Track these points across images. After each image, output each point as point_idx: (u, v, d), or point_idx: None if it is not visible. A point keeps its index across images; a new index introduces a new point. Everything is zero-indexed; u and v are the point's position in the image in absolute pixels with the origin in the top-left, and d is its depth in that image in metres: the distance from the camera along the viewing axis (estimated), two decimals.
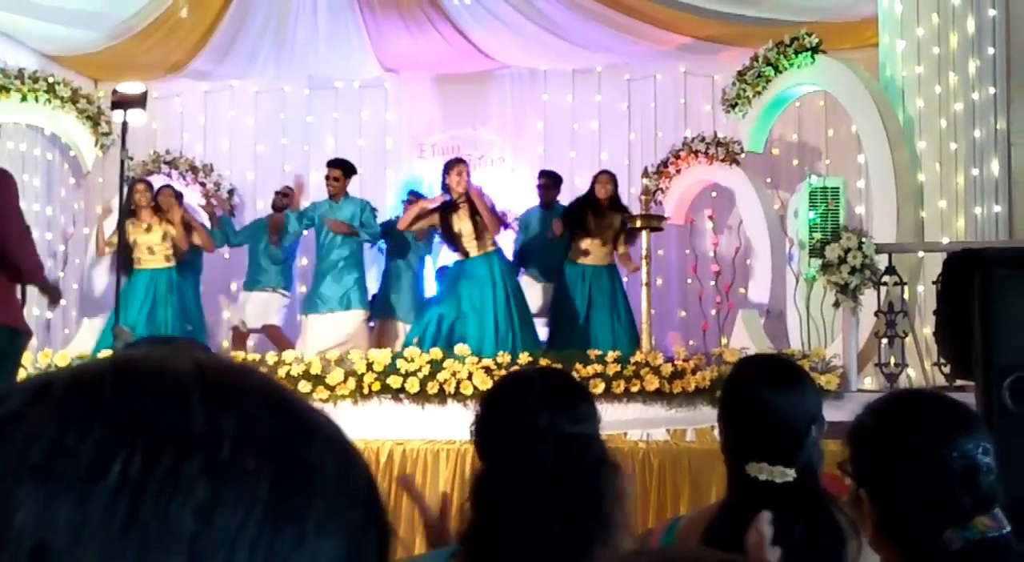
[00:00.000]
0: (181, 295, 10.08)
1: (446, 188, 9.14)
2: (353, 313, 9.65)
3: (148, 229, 9.92)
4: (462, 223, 9.08)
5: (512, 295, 9.06)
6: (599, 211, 9.57)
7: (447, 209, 9.12)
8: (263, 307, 10.45)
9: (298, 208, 10.75)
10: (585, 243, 9.56)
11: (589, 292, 9.52)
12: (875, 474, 1.86)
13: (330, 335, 9.40)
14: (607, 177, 9.76)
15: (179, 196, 10.49)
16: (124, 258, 9.07)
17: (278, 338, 10.32)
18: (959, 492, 1.79)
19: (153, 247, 9.93)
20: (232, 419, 0.61)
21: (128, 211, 9.70)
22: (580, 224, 9.57)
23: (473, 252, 9.10)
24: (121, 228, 8.79)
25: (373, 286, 10.31)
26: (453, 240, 9.16)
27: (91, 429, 0.59)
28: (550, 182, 10.36)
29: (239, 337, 10.57)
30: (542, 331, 9.60)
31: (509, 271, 9.29)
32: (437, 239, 9.93)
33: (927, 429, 1.85)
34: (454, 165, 9.24)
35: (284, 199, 10.81)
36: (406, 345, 8.71)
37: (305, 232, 10.38)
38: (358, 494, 0.64)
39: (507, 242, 9.95)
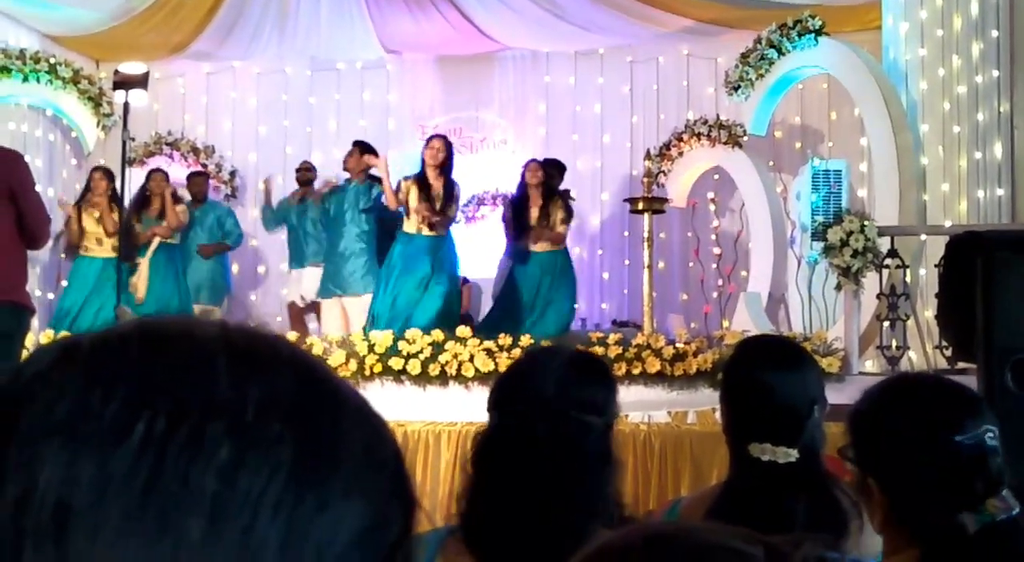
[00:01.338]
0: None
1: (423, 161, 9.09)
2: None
3: (99, 220, 9.65)
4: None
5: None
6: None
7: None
8: (316, 280, 10.24)
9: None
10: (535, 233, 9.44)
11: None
12: (883, 461, 1.86)
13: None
14: (535, 165, 9.61)
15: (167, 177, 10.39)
16: (124, 244, 9.02)
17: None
18: (970, 476, 1.79)
19: (101, 238, 9.69)
20: (258, 384, 0.61)
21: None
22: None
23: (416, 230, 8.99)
24: (129, 213, 8.80)
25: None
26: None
27: (116, 390, 0.59)
28: (555, 172, 10.22)
29: (296, 314, 10.46)
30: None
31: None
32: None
33: (935, 414, 1.85)
34: (431, 140, 9.22)
35: (308, 174, 10.69)
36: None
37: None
38: (384, 464, 0.64)
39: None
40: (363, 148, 9.84)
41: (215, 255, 10.46)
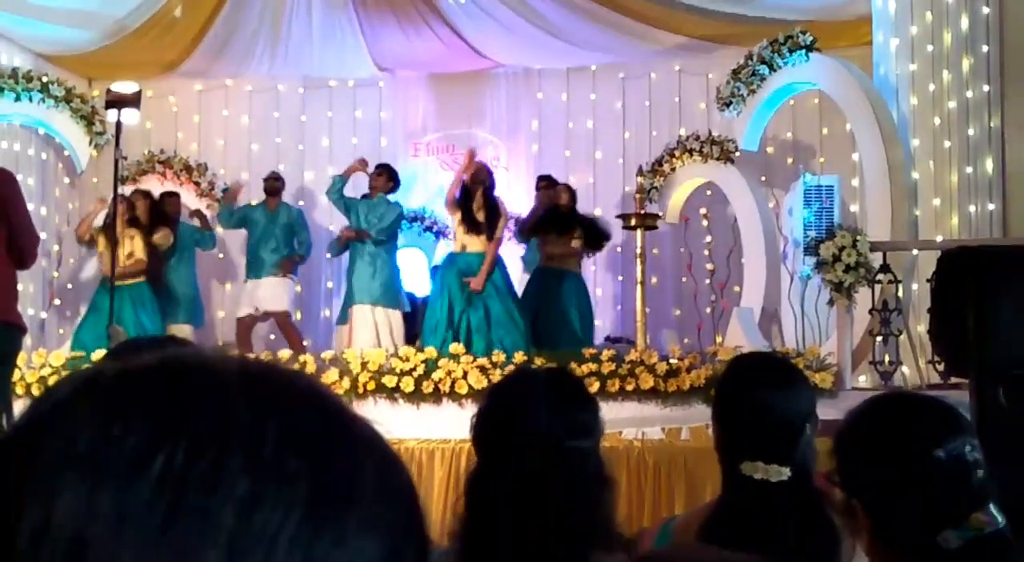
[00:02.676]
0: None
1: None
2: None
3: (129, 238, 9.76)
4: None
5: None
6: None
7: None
8: (272, 291, 10.37)
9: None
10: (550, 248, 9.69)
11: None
12: (865, 483, 1.86)
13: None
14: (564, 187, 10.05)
15: (148, 195, 10.38)
16: (114, 264, 9.01)
17: (287, 326, 10.30)
18: (952, 491, 1.79)
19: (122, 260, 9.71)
20: (275, 419, 0.61)
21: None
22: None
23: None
24: (113, 230, 8.78)
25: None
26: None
27: (135, 422, 0.59)
28: (550, 184, 10.36)
29: (244, 327, 10.48)
30: None
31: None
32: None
33: (913, 432, 1.84)
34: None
35: (276, 183, 10.78)
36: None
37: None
38: (398, 498, 0.64)
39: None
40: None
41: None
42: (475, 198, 9.21)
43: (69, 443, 0.59)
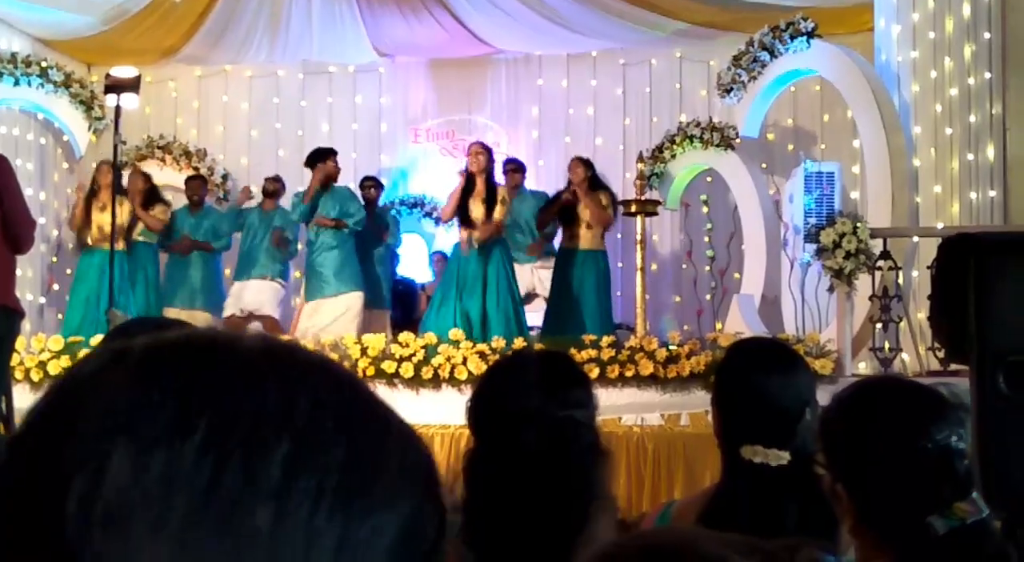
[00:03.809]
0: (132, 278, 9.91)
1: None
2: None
3: (103, 208, 9.59)
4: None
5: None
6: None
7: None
8: (258, 294, 10.30)
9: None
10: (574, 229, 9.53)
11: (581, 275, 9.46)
12: (850, 467, 1.85)
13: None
14: (577, 161, 9.69)
15: (147, 178, 10.29)
16: (114, 243, 8.99)
17: (275, 331, 10.17)
18: (937, 479, 1.78)
19: (105, 227, 9.58)
20: (305, 389, 0.63)
21: (90, 191, 9.71)
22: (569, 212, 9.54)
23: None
24: (113, 208, 8.77)
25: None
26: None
27: (173, 390, 0.61)
28: (514, 167, 10.23)
29: (232, 328, 10.39)
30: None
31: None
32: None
33: (900, 418, 1.83)
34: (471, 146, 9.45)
35: (275, 184, 10.70)
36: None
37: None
38: (419, 470, 0.66)
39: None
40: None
41: (191, 252, 10.36)
42: (476, 188, 9.11)
43: (110, 410, 0.60)
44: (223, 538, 0.58)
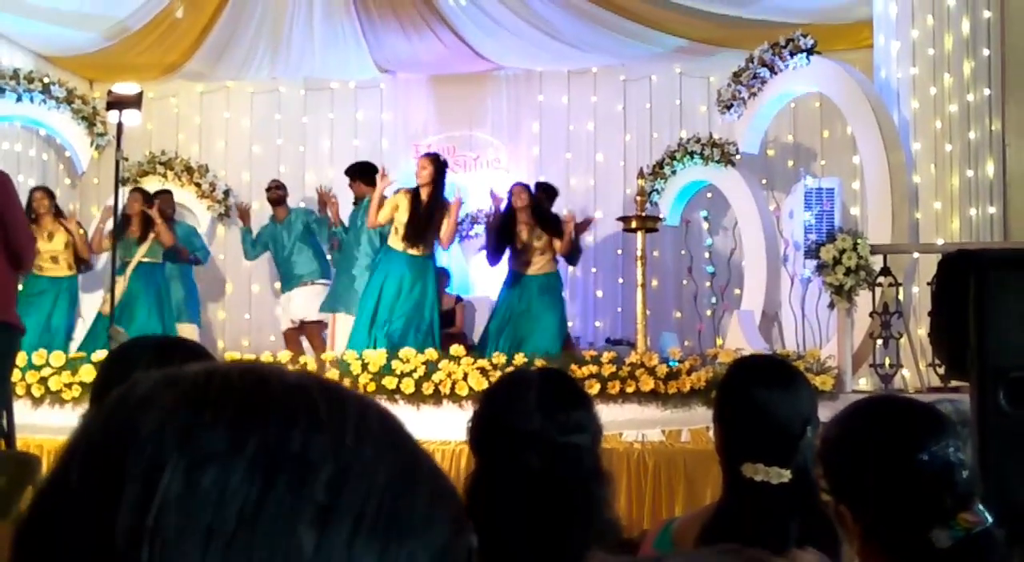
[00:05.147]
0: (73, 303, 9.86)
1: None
2: None
3: (49, 237, 9.56)
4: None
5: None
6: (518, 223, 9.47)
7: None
8: (305, 301, 10.25)
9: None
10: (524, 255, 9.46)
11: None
12: (852, 487, 1.85)
13: None
14: (520, 188, 9.63)
15: (148, 198, 10.17)
16: (115, 263, 8.96)
17: (314, 336, 10.18)
18: (939, 492, 1.78)
19: (57, 256, 9.65)
20: (351, 414, 0.66)
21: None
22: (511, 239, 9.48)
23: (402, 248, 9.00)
24: (115, 233, 8.78)
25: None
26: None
27: (225, 410, 0.64)
28: (545, 195, 10.16)
29: (290, 338, 10.36)
30: None
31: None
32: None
33: (898, 435, 1.84)
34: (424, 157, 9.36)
35: (279, 192, 10.68)
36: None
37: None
38: (449, 499, 0.69)
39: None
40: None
41: (179, 262, 10.37)
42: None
43: (164, 427, 0.63)
44: (268, 555, 0.60)
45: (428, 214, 8.93)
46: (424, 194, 9.02)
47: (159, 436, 0.62)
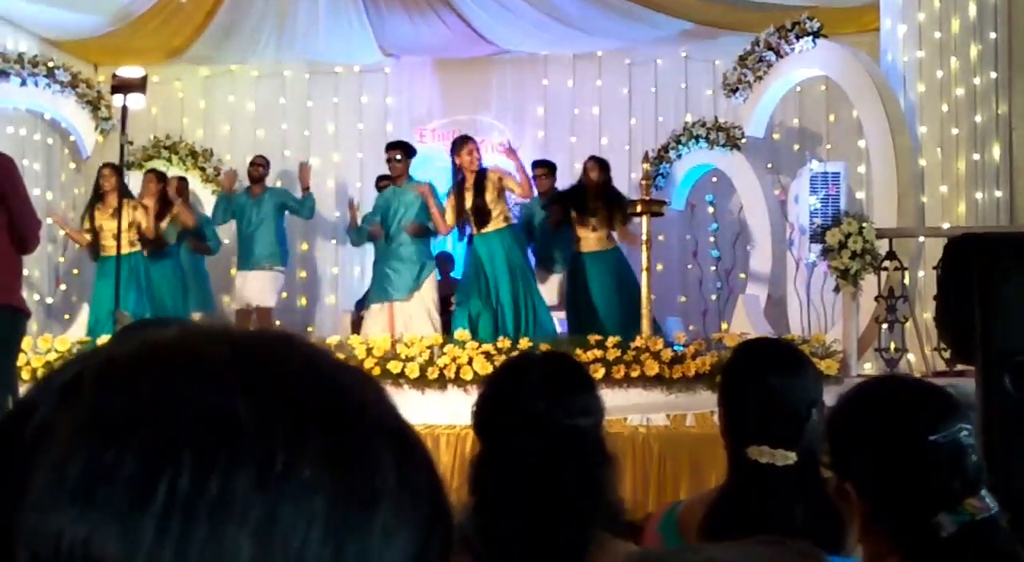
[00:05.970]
0: (149, 281, 9.77)
1: (456, 167, 9.19)
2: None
3: (113, 215, 9.44)
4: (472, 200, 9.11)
5: (519, 273, 9.07)
6: (588, 198, 9.53)
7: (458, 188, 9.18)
8: (260, 286, 10.29)
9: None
10: (581, 231, 9.52)
11: (591, 278, 9.44)
12: (859, 466, 1.85)
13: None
14: (593, 163, 9.71)
15: (162, 178, 10.20)
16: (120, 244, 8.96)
17: (266, 322, 10.10)
18: (947, 476, 1.78)
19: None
20: (283, 420, 0.56)
21: (96, 196, 9.64)
22: (575, 210, 9.54)
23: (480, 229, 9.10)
24: (119, 213, 8.77)
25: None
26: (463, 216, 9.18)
27: (129, 442, 0.54)
28: (546, 171, 10.28)
29: (243, 319, 10.32)
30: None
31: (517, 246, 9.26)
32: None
33: (908, 415, 1.83)
34: (464, 144, 9.27)
35: (260, 168, 10.61)
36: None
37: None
38: (421, 489, 0.60)
39: None
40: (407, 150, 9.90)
41: (193, 251, 10.37)
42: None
43: (61, 475, 0.53)
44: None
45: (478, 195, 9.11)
46: (469, 182, 9.14)
47: (56, 487, 0.53)
